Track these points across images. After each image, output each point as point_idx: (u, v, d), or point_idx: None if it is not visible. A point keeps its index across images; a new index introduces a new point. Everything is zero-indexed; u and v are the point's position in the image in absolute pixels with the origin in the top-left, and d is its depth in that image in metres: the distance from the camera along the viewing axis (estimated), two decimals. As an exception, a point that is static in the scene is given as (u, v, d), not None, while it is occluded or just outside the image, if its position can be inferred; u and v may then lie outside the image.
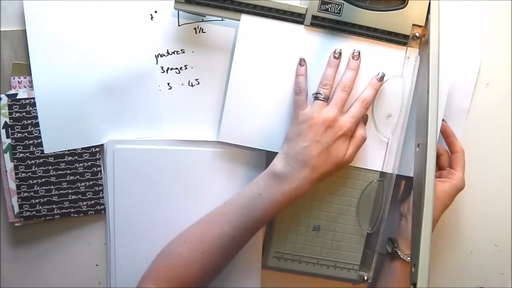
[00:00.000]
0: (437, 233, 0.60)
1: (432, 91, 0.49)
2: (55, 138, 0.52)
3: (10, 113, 0.51)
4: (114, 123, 0.53)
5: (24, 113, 0.51)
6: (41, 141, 0.52)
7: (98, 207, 0.54)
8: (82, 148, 0.53)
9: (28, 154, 0.52)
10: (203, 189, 0.54)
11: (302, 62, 0.50)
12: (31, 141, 0.52)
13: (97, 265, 0.55)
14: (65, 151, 0.52)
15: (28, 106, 0.51)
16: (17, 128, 0.52)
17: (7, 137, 0.51)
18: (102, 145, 0.53)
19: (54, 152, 0.52)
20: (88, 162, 0.53)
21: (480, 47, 0.58)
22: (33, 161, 0.52)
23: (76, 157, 0.53)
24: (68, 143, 0.52)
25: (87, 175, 0.53)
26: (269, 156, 0.54)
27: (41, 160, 0.52)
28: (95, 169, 0.53)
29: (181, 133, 0.55)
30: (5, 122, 0.51)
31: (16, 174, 0.52)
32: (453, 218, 0.60)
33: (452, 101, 0.58)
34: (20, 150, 0.52)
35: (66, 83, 0.52)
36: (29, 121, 0.52)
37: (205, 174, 0.54)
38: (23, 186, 0.52)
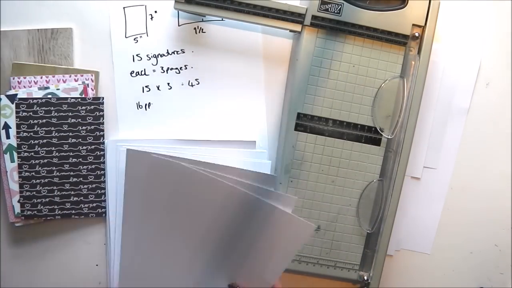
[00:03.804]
0: (437, 233, 0.60)
1: (417, 90, 0.51)
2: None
3: (17, 112, 0.51)
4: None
5: (31, 113, 0.52)
6: (47, 141, 0.52)
7: (100, 210, 0.54)
8: (87, 151, 0.53)
9: (32, 153, 0.52)
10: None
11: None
12: (36, 141, 0.52)
13: (97, 265, 0.55)
14: (69, 153, 0.53)
15: (35, 106, 0.51)
16: (24, 127, 0.52)
17: (7, 137, 0.51)
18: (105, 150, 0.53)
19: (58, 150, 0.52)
20: (92, 165, 0.53)
21: (480, 47, 0.58)
22: (37, 161, 0.52)
23: (80, 159, 0.53)
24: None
25: (90, 178, 0.53)
26: (277, 165, 0.54)
27: (45, 161, 0.52)
28: (99, 172, 0.53)
29: (181, 133, 0.55)
30: (5, 122, 0.51)
31: (20, 173, 0.52)
32: (453, 218, 0.60)
33: (452, 101, 0.58)
34: (25, 149, 0.52)
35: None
36: (35, 121, 0.52)
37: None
38: (26, 185, 0.52)
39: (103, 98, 0.53)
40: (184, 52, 0.54)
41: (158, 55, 0.54)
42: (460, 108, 0.59)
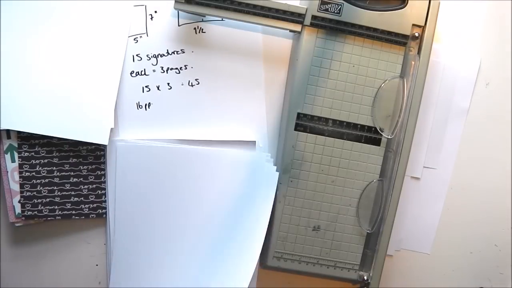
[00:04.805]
0: (437, 233, 0.60)
1: (417, 90, 0.51)
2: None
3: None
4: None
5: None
6: (47, 141, 0.52)
7: (100, 211, 0.54)
8: (87, 151, 0.53)
9: (33, 153, 0.52)
10: (204, 189, 0.54)
11: None
12: (36, 141, 0.52)
13: (97, 265, 0.56)
14: (70, 153, 0.53)
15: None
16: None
17: (8, 137, 0.52)
18: (105, 148, 0.53)
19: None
20: (93, 165, 0.53)
21: (480, 47, 0.58)
22: (37, 161, 0.52)
23: (80, 159, 0.53)
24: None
25: (91, 178, 0.53)
26: (278, 159, 0.55)
27: (46, 161, 0.52)
28: (99, 173, 0.53)
29: (181, 133, 0.55)
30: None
31: (20, 173, 0.52)
32: (453, 218, 0.60)
33: (452, 101, 0.58)
34: (25, 149, 0.52)
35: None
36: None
37: (206, 174, 0.54)
38: (27, 185, 0.52)
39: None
40: (184, 52, 0.54)
41: (158, 55, 0.54)
42: (460, 108, 0.59)
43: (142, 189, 0.54)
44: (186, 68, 0.54)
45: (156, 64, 0.54)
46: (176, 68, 0.54)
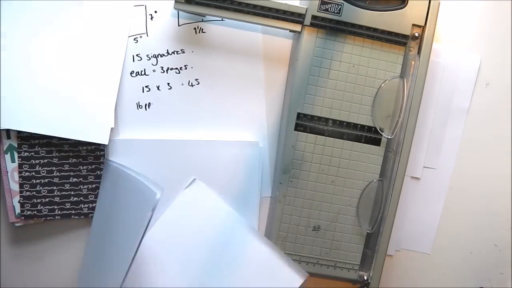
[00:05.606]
0: (437, 233, 0.60)
1: (417, 90, 0.51)
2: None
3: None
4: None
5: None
6: (47, 141, 0.52)
7: (99, 210, 0.54)
8: (87, 151, 0.53)
9: (33, 153, 0.52)
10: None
11: None
12: (36, 141, 0.52)
13: (97, 265, 0.56)
14: (69, 153, 0.53)
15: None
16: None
17: (8, 137, 0.52)
18: (106, 148, 0.53)
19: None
20: (92, 165, 0.53)
21: (480, 47, 0.58)
22: (37, 161, 0.52)
23: (80, 159, 0.53)
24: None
25: (90, 178, 0.53)
26: (273, 154, 0.55)
27: (46, 161, 0.52)
28: (99, 173, 0.53)
29: (181, 133, 0.55)
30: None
31: (20, 172, 0.52)
32: (453, 218, 0.60)
33: (452, 101, 0.58)
34: (25, 149, 0.52)
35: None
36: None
37: (204, 173, 0.54)
38: (26, 185, 0.52)
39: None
40: (184, 52, 0.54)
41: (158, 55, 0.54)
42: (460, 108, 0.59)
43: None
44: (186, 68, 0.54)
45: (156, 64, 0.54)
46: (176, 68, 0.54)
